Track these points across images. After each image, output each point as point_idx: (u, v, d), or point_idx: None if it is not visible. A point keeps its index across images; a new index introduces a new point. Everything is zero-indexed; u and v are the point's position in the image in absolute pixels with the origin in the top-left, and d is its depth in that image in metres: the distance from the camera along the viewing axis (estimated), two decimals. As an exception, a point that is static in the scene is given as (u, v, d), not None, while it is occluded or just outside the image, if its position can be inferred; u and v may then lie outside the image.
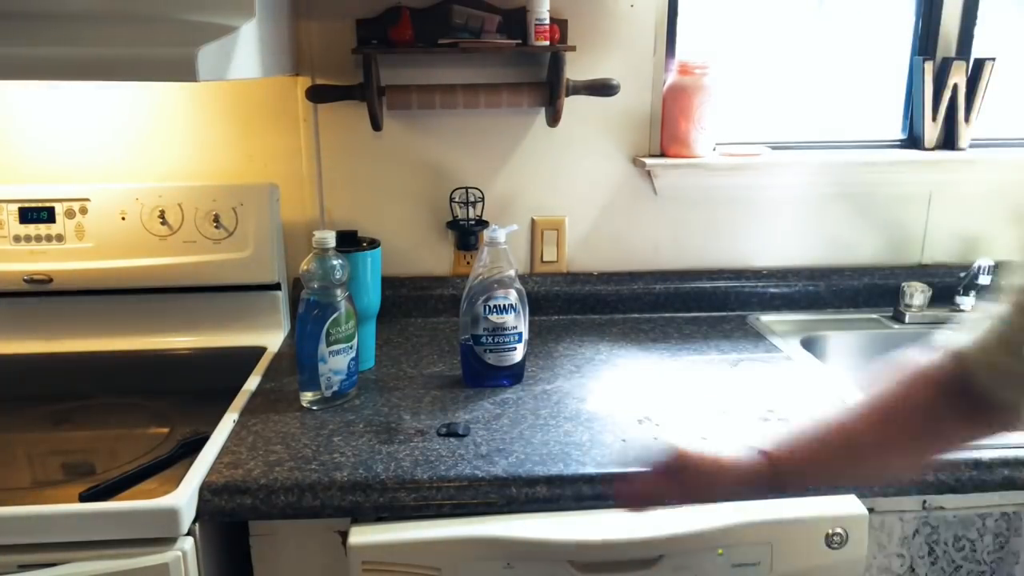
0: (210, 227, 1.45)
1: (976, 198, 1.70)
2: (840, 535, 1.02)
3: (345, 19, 1.49)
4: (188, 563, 0.97)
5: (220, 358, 1.43)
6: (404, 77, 1.51)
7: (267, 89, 1.52)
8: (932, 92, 1.64)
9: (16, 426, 1.24)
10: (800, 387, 1.30)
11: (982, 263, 1.56)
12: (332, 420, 1.18)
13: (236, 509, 1.00)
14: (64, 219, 1.43)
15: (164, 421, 1.22)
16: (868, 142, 1.71)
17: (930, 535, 1.13)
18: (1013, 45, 1.70)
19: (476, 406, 1.23)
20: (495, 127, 1.58)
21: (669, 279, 1.66)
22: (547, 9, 1.42)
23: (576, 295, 1.64)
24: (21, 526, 0.95)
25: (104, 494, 1.00)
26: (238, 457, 1.07)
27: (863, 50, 1.70)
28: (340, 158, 1.57)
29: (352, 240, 1.36)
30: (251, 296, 1.49)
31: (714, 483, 0.86)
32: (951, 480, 1.07)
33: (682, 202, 1.65)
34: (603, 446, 1.10)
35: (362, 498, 1.01)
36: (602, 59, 1.56)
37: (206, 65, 1.03)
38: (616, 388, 1.30)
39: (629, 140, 1.61)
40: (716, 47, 1.65)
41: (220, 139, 1.54)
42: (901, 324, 1.59)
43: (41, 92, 1.49)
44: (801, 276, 1.68)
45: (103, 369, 1.41)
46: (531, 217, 1.64)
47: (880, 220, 1.70)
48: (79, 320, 1.46)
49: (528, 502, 1.02)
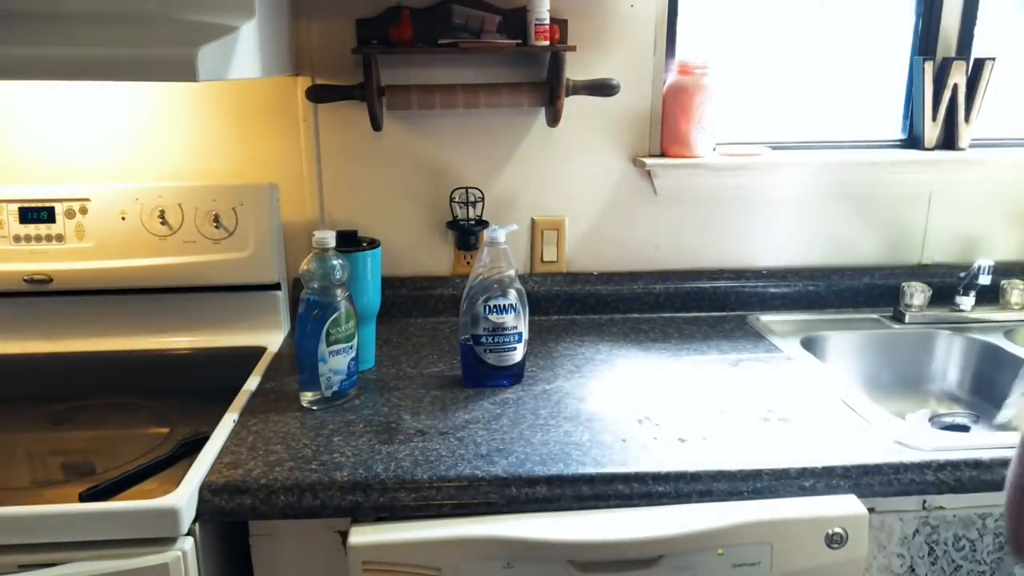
0: (210, 227, 1.45)
1: (976, 198, 1.70)
2: (840, 535, 1.02)
3: (345, 19, 1.49)
4: (188, 563, 0.97)
5: (220, 358, 1.43)
6: (404, 77, 1.51)
7: (267, 89, 1.52)
8: (932, 92, 1.64)
9: (16, 426, 1.24)
10: (800, 387, 1.30)
11: (982, 263, 1.56)
12: (332, 420, 1.18)
13: (236, 509, 1.00)
14: (64, 219, 1.43)
15: (164, 421, 1.22)
16: (868, 142, 1.72)
17: (930, 535, 1.13)
18: (1013, 45, 1.70)
19: (476, 406, 1.23)
20: (495, 127, 1.58)
21: (669, 279, 1.66)
22: (547, 9, 1.42)
23: (576, 295, 1.64)
24: (21, 526, 0.95)
25: (104, 494, 1.00)
26: (238, 457, 1.07)
27: (863, 50, 1.70)
28: (340, 158, 1.57)
29: (352, 240, 1.36)
30: (251, 296, 1.49)
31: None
32: (951, 480, 1.07)
33: (682, 202, 1.65)
34: (603, 446, 1.10)
35: (362, 498, 1.01)
36: (602, 59, 1.56)
37: (206, 65, 1.03)
38: (616, 388, 1.30)
39: (629, 140, 1.61)
40: (716, 47, 1.65)
41: (220, 139, 1.54)
42: (901, 324, 1.59)
43: (41, 92, 1.49)
44: (801, 276, 1.68)
45: (103, 369, 1.41)
46: (531, 217, 1.64)
47: (880, 220, 1.70)
48: (79, 320, 1.46)
49: (528, 502, 1.02)
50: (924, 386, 1.58)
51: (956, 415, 1.48)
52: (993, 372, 1.50)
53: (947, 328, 1.57)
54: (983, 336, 1.54)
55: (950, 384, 1.57)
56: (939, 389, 1.57)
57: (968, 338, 1.55)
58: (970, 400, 1.54)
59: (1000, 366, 1.48)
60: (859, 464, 1.06)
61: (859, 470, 1.06)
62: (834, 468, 1.06)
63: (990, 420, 1.47)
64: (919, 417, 1.49)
